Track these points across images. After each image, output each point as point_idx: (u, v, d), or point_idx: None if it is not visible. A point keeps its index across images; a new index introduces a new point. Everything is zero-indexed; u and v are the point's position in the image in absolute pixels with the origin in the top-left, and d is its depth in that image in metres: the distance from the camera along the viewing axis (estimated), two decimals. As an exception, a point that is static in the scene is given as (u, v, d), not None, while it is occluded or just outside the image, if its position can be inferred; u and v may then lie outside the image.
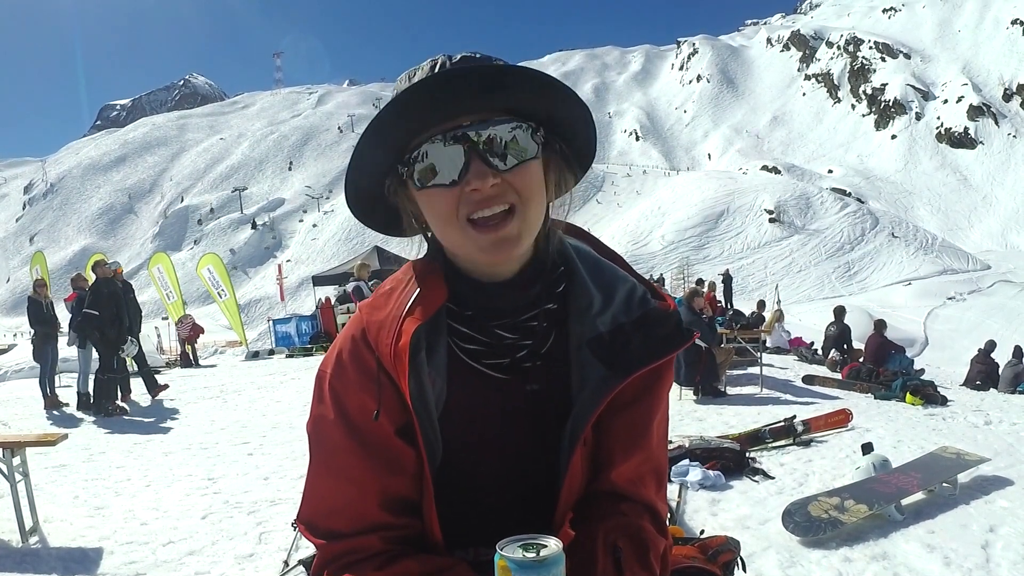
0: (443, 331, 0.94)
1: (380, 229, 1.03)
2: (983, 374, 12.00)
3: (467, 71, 0.84)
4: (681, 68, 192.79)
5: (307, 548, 3.26)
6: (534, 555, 0.76)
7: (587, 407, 0.92)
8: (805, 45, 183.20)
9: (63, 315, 9.36)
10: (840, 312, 12.60)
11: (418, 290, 0.93)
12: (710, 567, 1.12)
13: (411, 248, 1.03)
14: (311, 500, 0.96)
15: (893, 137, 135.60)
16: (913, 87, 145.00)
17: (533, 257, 0.95)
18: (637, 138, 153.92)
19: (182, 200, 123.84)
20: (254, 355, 15.14)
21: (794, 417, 5.72)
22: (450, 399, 0.94)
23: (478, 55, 0.89)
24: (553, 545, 0.78)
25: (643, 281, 1.01)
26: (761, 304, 16.40)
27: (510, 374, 0.95)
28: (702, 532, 3.50)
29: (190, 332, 14.91)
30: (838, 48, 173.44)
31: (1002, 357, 12.35)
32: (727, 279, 23.82)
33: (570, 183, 0.98)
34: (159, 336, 19.07)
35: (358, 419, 0.92)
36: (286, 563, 3.10)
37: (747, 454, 4.87)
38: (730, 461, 4.62)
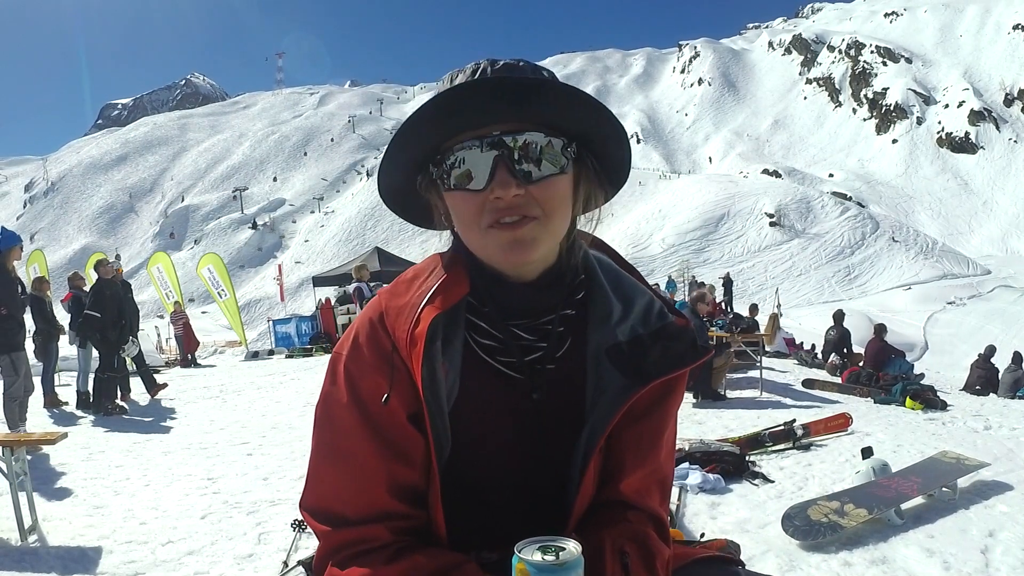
0: (461, 324, 0.94)
1: (412, 220, 1.04)
2: (983, 379, 12.01)
3: (505, 81, 0.84)
4: (682, 71, 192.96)
5: (306, 549, 3.26)
6: (553, 558, 0.75)
7: (605, 416, 0.93)
8: (807, 49, 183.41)
9: (61, 315, 9.33)
10: (839, 316, 12.61)
11: (440, 280, 0.94)
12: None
13: (414, 247, 1.03)
14: (316, 485, 0.95)
15: (894, 141, 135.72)
16: (914, 91, 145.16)
17: (556, 263, 0.96)
18: (638, 141, 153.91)
19: (183, 200, 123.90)
20: (254, 355, 15.14)
21: (794, 421, 5.71)
22: (462, 393, 0.94)
23: (521, 63, 0.89)
24: (572, 548, 0.77)
25: (659, 296, 1.02)
26: (754, 308, 16.36)
27: (524, 374, 0.96)
28: (702, 535, 3.50)
29: (185, 331, 14.85)
30: (840, 52, 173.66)
31: (1002, 362, 12.35)
32: (727, 283, 23.83)
33: (600, 199, 0.98)
34: (159, 335, 19.07)
35: (371, 402, 0.91)
36: (285, 563, 3.09)
37: (747, 458, 4.86)
38: (730, 464, 4.61)
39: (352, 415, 0.92)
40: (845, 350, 12.12)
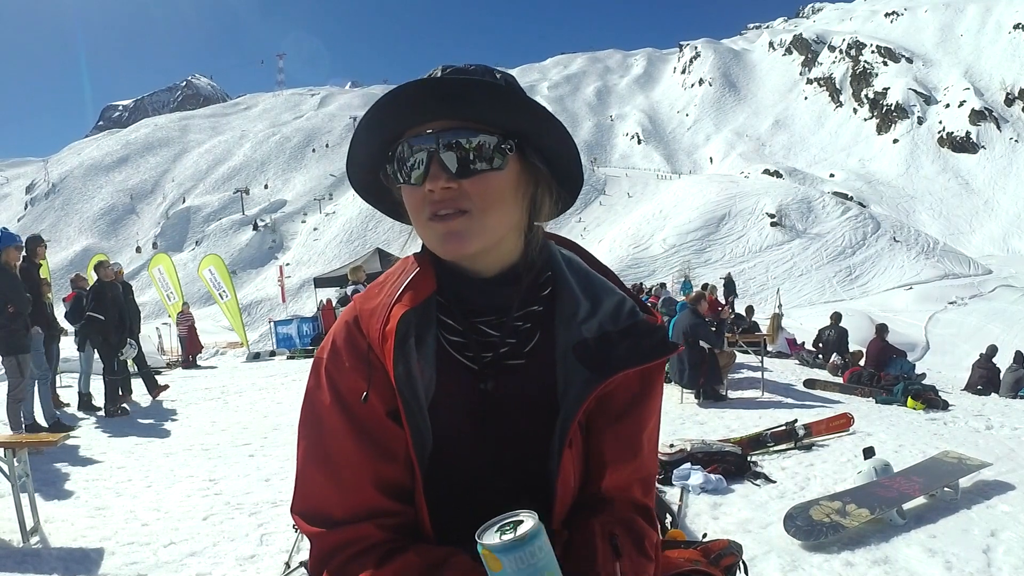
0: (432, 322, 0.97)
1: (390, 214, 1.08)
2: (984, 379, 12.00)
3: (439, 81, 0.89)
4: (683, 71, 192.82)
5: (308, 550, 3.26)
6: (512, 535, 0.75)
7: (572, 408, 0.95)
8: (807, 49, 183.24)
9: (61, 316, 9.32)
10: (836, 316, 12.62)
11: (408, 279, 0.97)
12: (712, 570, 1.13)
13: (415, 247, 1.06)
14: (304, 488, 0.97)
15: (895, 141, 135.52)
16: (915, 91, 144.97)
17: (518, 259, 0.99)
18: (639, 141, 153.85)
19: (184, 201, 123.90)
20: (255, 356, 15.13)
21: (795, 421, 5.71)
22: (439, 389, 0.97)
23: (472, 67, 0.93)
24: (527, 518, 0.76)
25: (632, 296, 1.04)
26: (750, 309, 16.36)
27: (493, 370, 0.98)
28: (704, 536, 3.50)
29: (189, 333, 14.84)
30: (840, 52, 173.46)
31: (1003, 362, 12.34)
32: (729, 283, 23.83)
33: (552, 200, 1.00)
34: (160, 337, 19.06)
35: (352, 401, 0.94)
36: (287, 564, 3.10)
37: (748, 458, 4.87)
38: (731, 465, 4.62)
39: (335, 415, 0.94)
40: (845, 351, 12.11)
